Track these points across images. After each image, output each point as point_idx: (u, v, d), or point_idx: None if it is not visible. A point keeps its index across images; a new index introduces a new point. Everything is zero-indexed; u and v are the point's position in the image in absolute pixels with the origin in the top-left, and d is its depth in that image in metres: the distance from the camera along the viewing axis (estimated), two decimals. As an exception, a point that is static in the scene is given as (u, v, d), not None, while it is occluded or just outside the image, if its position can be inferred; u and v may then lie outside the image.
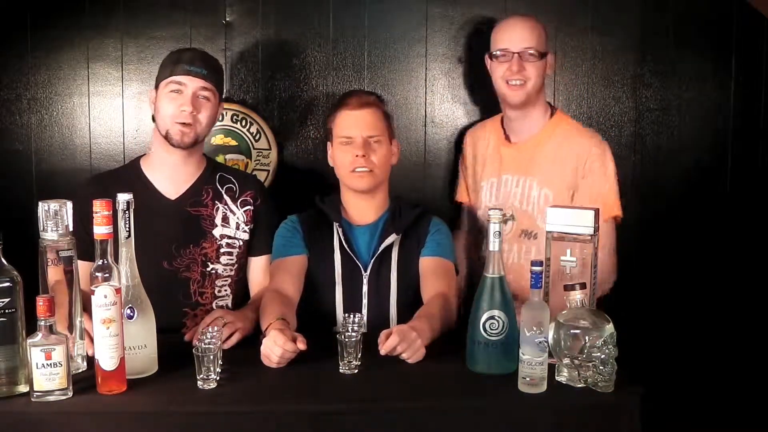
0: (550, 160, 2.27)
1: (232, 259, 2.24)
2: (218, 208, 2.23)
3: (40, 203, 1.68)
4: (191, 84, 2.14)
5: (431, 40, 2.69)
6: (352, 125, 2.19)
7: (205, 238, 2.20)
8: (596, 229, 1.77)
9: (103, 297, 1.60)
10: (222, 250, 2.22)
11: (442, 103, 2.72)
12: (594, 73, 2.69)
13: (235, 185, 2.28)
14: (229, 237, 2.23)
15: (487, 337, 1.72)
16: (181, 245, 2.17)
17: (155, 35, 2.64)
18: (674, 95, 2.72)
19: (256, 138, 2.67)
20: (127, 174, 2.25)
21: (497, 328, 1.72)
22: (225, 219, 2.24)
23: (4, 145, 2.67)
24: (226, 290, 2.24)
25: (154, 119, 2.21)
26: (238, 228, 2.25)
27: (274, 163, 2.69)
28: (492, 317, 1.72)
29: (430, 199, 2.65)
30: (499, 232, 1.73)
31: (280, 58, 2.68)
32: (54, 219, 1.67)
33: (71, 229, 1.69)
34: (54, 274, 1.68)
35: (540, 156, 2.29)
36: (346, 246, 2.18)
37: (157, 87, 2.20)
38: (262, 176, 2.68)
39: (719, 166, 2.73)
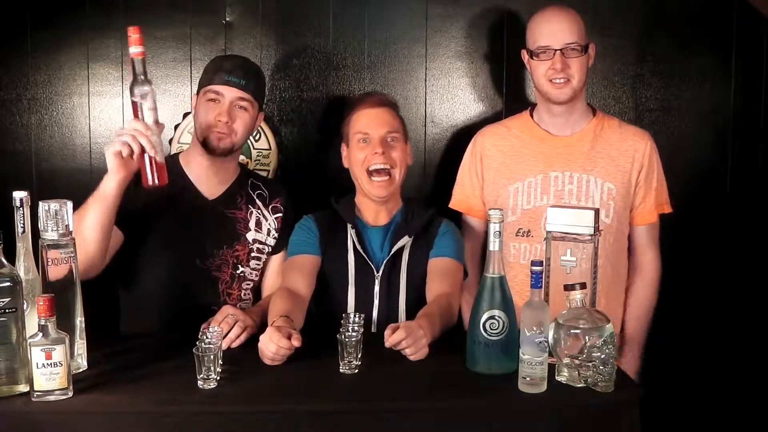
0: (607, 156, 2.23)
1: (259, 264, 2.26)
2: (252, 212, 2.26)
3: (40, 203, 1.68)
4: (228, 94, 2.14)
5: (431, 40, 2.69)
6: (370, 122, 2.20)
7: (238, 240, 2.22)
8: (596, 229, 1.77)
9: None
10: (252, 255, 2.24)
11: (442, 103, 2.72)
12: (594, 73, 2.68)
13: (264, 192, 2.30)
14: (260, 242, 2.25)
15: (487, 337, 1.72)
16: (215, 245, 2.19)
17: (155, 35, 2.64)
18: (674, 95, 2.72)
19: (256, 138, 2.67)
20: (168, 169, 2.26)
21: (497, 328, 1.72)
22: (258, 224, 2.26)
23: (4, 145, 2.67)
24: (248, 294, 2.26)
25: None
26: (269, 234, 2.27)
27: (274, 164, 2.69)
28: (492, 317, 1.72)
29: (429, 200, 2.65)
30: (500, 232, 1.72)
31: (280, 58, 2.68)
32: (54, 219, 1.67)
33: (71, 228, 1.70)
34: (54, 273, 1.69)
35: (594, 152, 2.23)
36: (359, 247, 2.19)
37: (198, 92, 2.21)
38: (262, 176, 2.68)
39: (719, 166, 2.73)
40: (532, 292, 1.65)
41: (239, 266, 2.22)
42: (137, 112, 1.90)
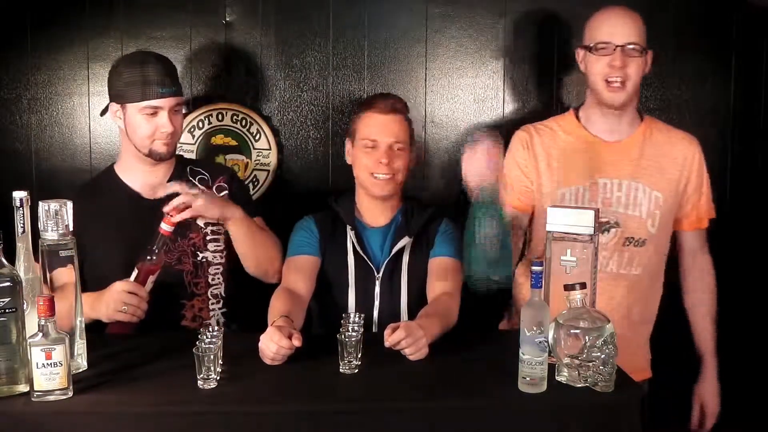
0: (655, 163, 2.18)
1: (220, 245, 2.26)
2: None
3: (40, 203, 1.68)
4: (166, 104, 2.15)
5: (431, 40, 2.69)
6: (378, 130, 2.20)
7: (191, 228, 2.22)
8: (596, 229, 1.77)
9: None
10: (209, 238, 2.24)
11: (441, 103, 2.72)
12: (594, 73, 2.68)
13: (206, 175, 2.31)
14: (213, 224, 2.24)
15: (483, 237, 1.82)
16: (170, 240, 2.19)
17: (155, 35, 2.64)
18: (674, 95, 2.72)
19: (256, 138, 2.68)
20: (105, 182, 2.29)
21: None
22: None
23: (4, 144, 2.67)
24: (218, 278, 2.26)
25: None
26: None
27: (274, 163, 2.69)
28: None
29: (429, 200, 2.65)
30: None
31: (280, 58, 2.68)
32: (54, 219, 1.67)
33: (71, 228, 1.70)
34: (58, 273, 1.69)
35: (643, 159, 2.18)
36: (358, 248, 2.19)
37: (121, 102, 2.16)
38: (261, 176, 2.69)
39: (719, 166, 2.73)
40: (532, 292, 1.65)
41: (198, 253, 2.22)
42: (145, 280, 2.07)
